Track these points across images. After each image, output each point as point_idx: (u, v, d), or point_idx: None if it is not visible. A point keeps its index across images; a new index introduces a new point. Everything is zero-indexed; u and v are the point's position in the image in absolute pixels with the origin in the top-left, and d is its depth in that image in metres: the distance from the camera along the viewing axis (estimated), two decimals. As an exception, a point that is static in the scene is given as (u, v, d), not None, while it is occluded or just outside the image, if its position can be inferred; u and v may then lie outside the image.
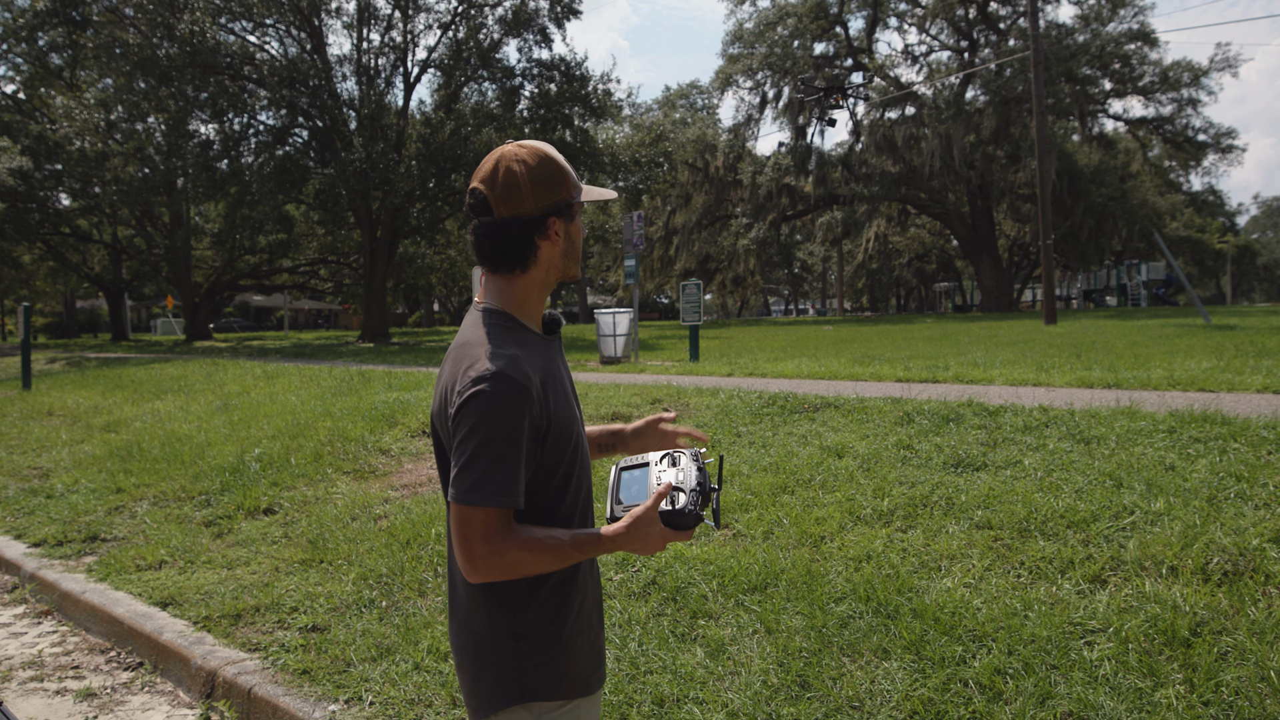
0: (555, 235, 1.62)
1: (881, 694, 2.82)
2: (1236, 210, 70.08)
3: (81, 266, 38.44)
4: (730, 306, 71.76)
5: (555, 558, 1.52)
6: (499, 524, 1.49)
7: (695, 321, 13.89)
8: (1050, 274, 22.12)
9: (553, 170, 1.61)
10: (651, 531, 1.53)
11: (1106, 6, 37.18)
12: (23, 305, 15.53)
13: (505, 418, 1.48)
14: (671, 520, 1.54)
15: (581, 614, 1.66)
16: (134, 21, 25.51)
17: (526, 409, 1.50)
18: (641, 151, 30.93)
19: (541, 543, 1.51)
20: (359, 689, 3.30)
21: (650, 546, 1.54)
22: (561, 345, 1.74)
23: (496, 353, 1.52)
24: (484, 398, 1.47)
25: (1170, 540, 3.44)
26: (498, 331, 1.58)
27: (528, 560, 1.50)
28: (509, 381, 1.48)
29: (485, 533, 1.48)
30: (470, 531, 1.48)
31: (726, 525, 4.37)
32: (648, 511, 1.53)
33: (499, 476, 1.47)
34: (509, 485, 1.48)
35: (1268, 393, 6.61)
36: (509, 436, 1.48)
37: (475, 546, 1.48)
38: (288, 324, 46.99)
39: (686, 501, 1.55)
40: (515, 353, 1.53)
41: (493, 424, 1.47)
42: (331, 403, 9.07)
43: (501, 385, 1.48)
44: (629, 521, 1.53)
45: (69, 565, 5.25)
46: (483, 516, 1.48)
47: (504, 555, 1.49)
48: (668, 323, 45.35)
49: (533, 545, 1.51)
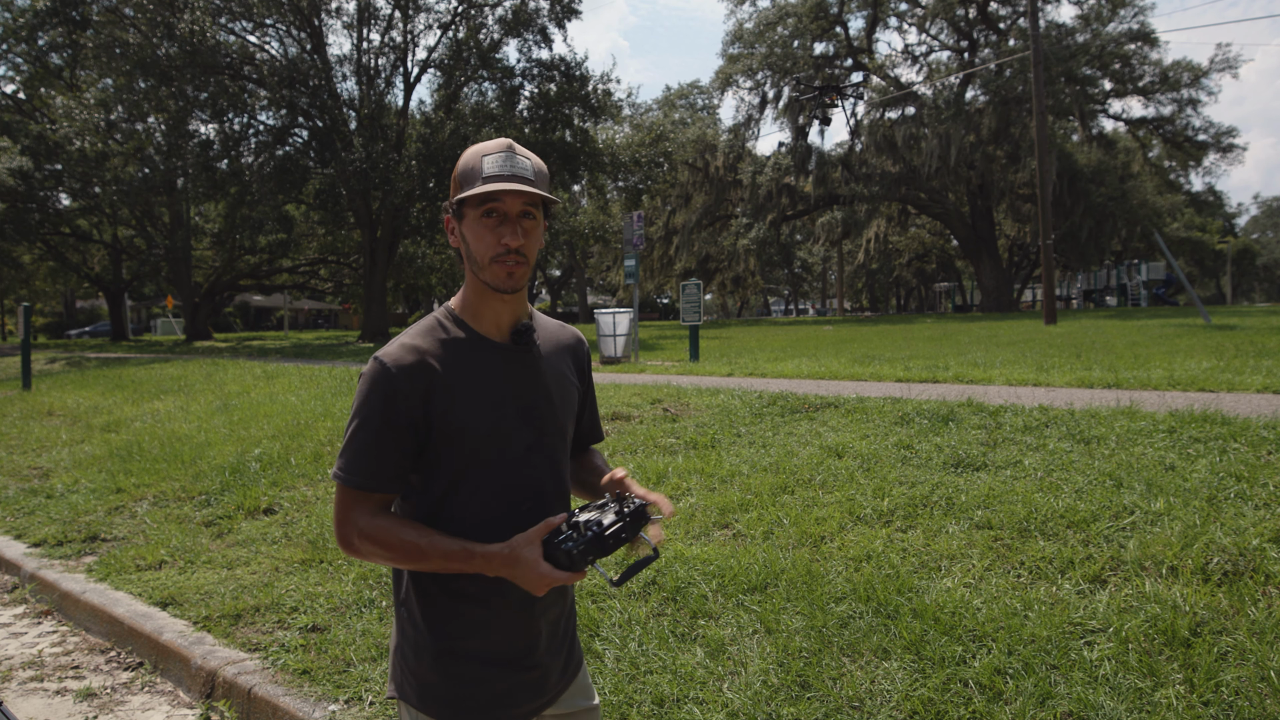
0: (452, 234, 1.60)
1: (881, 694, 2.82)
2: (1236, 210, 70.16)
3: (81, 266, 38.44)
4: (730, 306, 71.76)
5: (405, 556, 1.48)
6: (348, 502, 1.51)
7: (695, 321, 13.89)
8: (1050, 274, 22.12)
9: (458, 170, 1.58)
10: (527, 559, 1.44)
11: (1106, 6, 37.18)
12: (23, 305, 15.53)
13: (367, 400, 1.50)
14: (551, 553, 1.44)
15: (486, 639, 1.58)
16: (134, 21, 25.50)
17: (391, 397, 1.49)
18: (641, 151, 30.93)
19: (391, 538, 1.48)
20: (359, 689, 3.30)
21: (529, 578, 1.45)
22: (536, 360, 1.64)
23: (395, 341, 1.55)
24: (361, 379, 1.53)
25: (1170, 540, 3.44)
26: (422, 324, 1.60)
27: (372, 550, 1.49)
28: (378, 366, 1.50)
29: (340, 509, 1.51)
30: (338, 505, 1.52)
31: (726, 525, 4.36)
32: (527, 537, 1.46)
33: (348, 455, 1.51)
34: (356, 465, 1.50)
35: (1268, 393, 6.61)
36: (364, 418, 1.50)
37: (335, 520, 1.53)
38: (288, 324, 46.99)
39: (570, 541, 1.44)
40: (413, 343, 1.54)
41: (357, 404, 1.52)
42: (331, 403, 9.07)
43: (374, 369, 1.51)
44: (508, 543, 1.46)
45: (69, 565, 5.25)
46: (340, 493, 1.52)
47: (350, 536, 1.49)
48: (668, 323, 45.36)
49: (380, 537, 1.49)
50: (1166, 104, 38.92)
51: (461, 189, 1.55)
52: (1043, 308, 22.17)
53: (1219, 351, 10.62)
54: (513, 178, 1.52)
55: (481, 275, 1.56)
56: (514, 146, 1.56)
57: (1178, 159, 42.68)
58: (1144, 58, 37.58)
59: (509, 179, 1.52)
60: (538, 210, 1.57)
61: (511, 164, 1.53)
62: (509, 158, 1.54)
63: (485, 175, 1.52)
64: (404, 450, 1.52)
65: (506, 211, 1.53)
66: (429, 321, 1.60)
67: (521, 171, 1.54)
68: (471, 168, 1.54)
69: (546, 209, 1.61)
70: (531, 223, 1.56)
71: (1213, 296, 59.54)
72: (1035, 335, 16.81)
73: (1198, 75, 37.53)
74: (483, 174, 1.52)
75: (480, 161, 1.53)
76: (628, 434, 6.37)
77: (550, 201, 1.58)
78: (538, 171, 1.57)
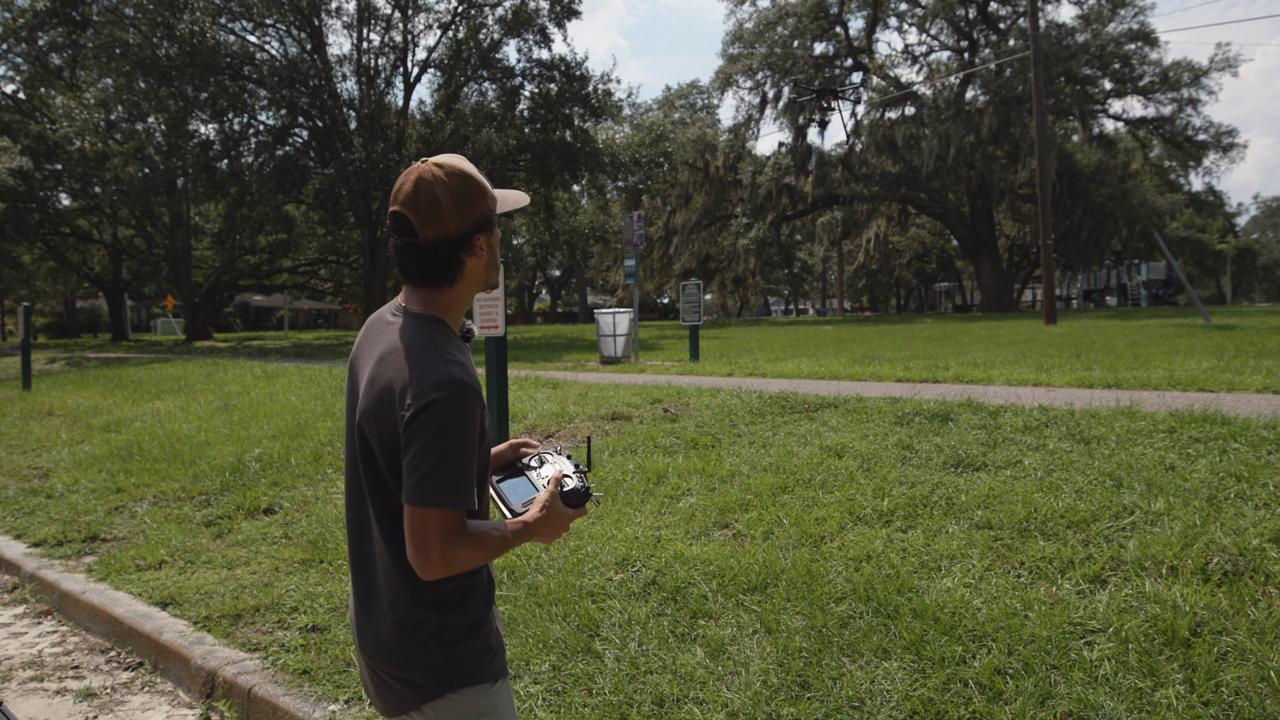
0: (480, 250, 1.67)
1: (881, 694, 2.82)
2: (1236, 210, 70.14)
3: (81, 266, 38.44)
4: (730, 306, 71.77)
5: (498, 549, 1.61)
6: (457, 524, 1.55)
7: (695, 321, 13.89)
8: (1050, 274, 22.12)
9: (471, 187, 1.64)
10: (558, 513, 1.66)
11: (1106, 6, 37.16)
12: (23, 305, 15.53)
13: (465, 423, 1.54)
14: (571, 500, 1.69)
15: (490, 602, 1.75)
16: (134, 21, 25.50)
17: (480, 414, 1.58)
18: (641, 151, 30.90)
19: (488, 536, 1.59)
20: (359, 689, 3.29)
21: (557, 528, 1.67)
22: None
23: (453, 359, 1.58)
24: (448, 405, 1.52)
25: (1170, 540, 3.44)
26: (444, 338, 1.63)
27: (477, 555, 1.58)
28: (468, 389, 1.55)
29: (444, 532, 1.54)
30: (429, 532, 1.53)
31: (726, 525, 4.37)
32: (551, 497, 1.66)
33: (461, 479, 1.54)
34: (468, 487, 1.56)
35: (1268, 393, 6.61)
36: (469, 440, 1.55)
37: (433, 546, 1.53)
38: (288, 324, 46.98)
39: (577, 483, 1.71)
40: (465, 360, 1.62)
41: (456, 429, 1.54)
42: (331, 403, 9.07)
43: (464, 392, 1.54)
44: (539, 508, 1.65)
45: (69, 565, 5.25)
46: (442, 517, 1.53)
47: (458, 552, 1.55)
48: (668, 323, 45.34)
49: (482, 540, 1.58)
50: (1166, 104, 38.93)
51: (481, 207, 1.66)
52: (1043, 308, 22.17)
53: (1219, 351, 10.62)
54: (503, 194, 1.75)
55: (489, 281, 1.72)
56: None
57: (1178, 159, 42.69)
58: (1144, 58, 37.57)
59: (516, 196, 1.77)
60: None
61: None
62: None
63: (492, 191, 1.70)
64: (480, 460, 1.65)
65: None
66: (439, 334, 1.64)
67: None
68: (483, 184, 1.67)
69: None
70: None
71: (1213, 296, 59.53)
72: (1035, 335, 16.81)
73: (1198, 75, 37.52)
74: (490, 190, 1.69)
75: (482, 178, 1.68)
76: (628, 434, 6.37)
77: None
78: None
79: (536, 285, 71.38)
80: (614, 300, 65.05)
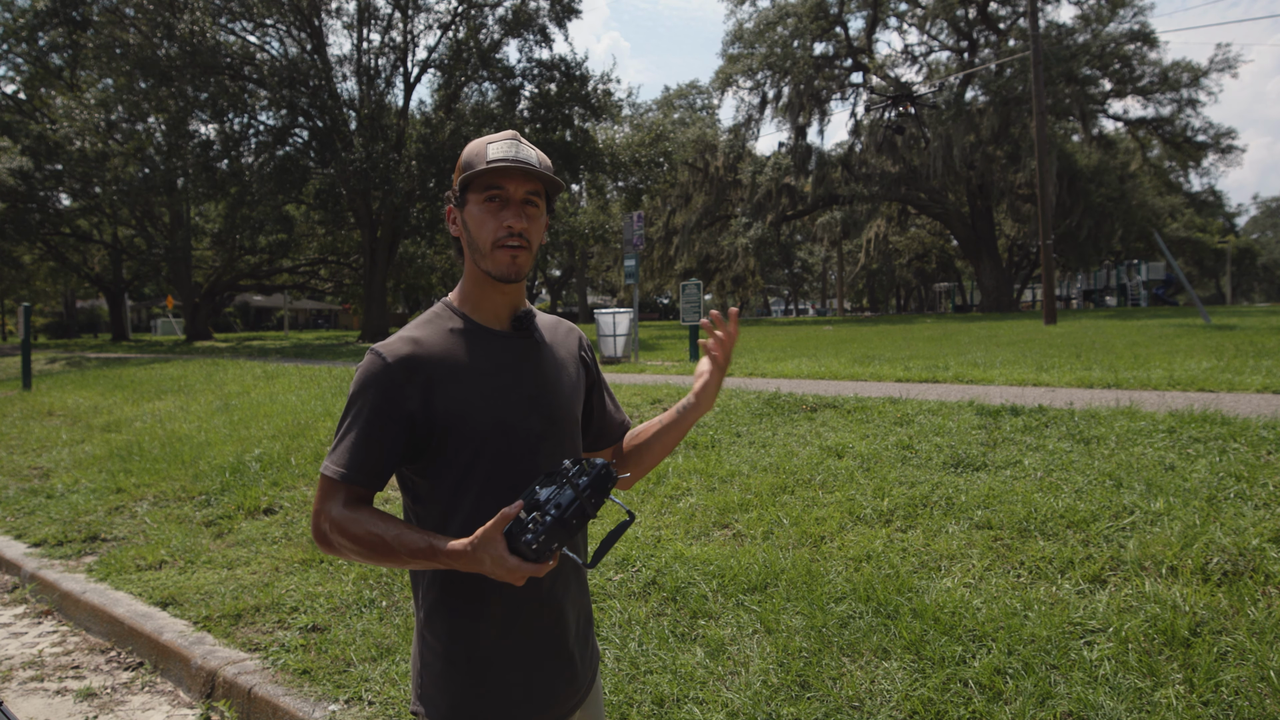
0: (454, 223, 1.59)
1: (881, 694, 2.82)
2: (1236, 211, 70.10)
3: (82, 266, 38.43)
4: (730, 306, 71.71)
5: (372, 550, 1.42)
6: (328, 495, 1.47)
7: (695, 321, 13.88)
8: (1050, 274, 22.11)
9: (462, 158, 1.55)
10: (495, 555, 1.33)
11: (1106, 7, 37.15)
12: (23, 305, 15.53)
13: (362, 392, 1.48)
14: (513, 547, 1.33)
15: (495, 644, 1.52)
16: (134, 21, 25.50)
17: (386, 390, 1.47)
18: (641, 151, 30.89)
19: (359, 529, 1.43)
20: (359, 689, 3.30)
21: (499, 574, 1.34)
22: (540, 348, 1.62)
23: (398, 334, 1.53)
24: (357, 374, 1.51)
25: (1170, 540, 3.44)
26: (425, 316, 1.58)
27: (342, 543, 1.44)
28: (375, 359, 1.49)
29: (318, 499, 1.48)
30: (316, 497, 1.50)
31: (726, 525, 4.36)
32: (487, 531, 1.34)
33: (338, 448, 1.48)
34: (343, 458, 1.47)
35: (1267, 393, 6.61)
36: (357, 410, 1.48)
37: (313, 513, 1.50)
38: (288, 324, 46.98)
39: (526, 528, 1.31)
40: (412, 335, 1.52)
41: (352, 396, 1.50)
42: (331, 403, 9.07)
43: (373, 362, 1.49)
44: (470, 539, 1.36)
45: (69, 565, 5.25)
46: (320, 484, 1.49)
47: (322, 526, 1.47)
48: (668, 323, 45.34)
49: (350, 531, 1.43)
50: (1166, 104, 38.92)
51: (460, 174, 1.55)
52: (1042, 308, 22.17)
53: (1219, 351, 10.62)
54: (517, 161, 1.50)
55: (483, 264, 1.53)
56: (519, 136, 1.55)
57: (1177, 159, 42.67)
58: (1144, 58, 37.55)
59: (514, 161, 1.50)
60: (541, 200, 1.56)
61: (517, 150, 1.52)
62: (514, 145, 1.53)
63: (490, 159, 1.50)
64: (394, 444, 1.48)
65: (510, 196, 1.51)
66: (427, 315, 1.58)
67: (526, 159, 1.51)
68: (476, 153, 1.53)
69: (550, 202, 1.59)
70: (535, 210, 1.54)
71: (1212, 296, 59.53)
72: (1035, 335, 16.81)
73: (1197, 75, 37.50)
74: (487, 159, 1.51)
75: (485, 149, 1.52)
76: (628, 434, 6.37)
77: (555, 191, 1.57)
78: (542, 163, 1.55)
79: (536, 285, 71.37)
80: (614, 300, 65.06)
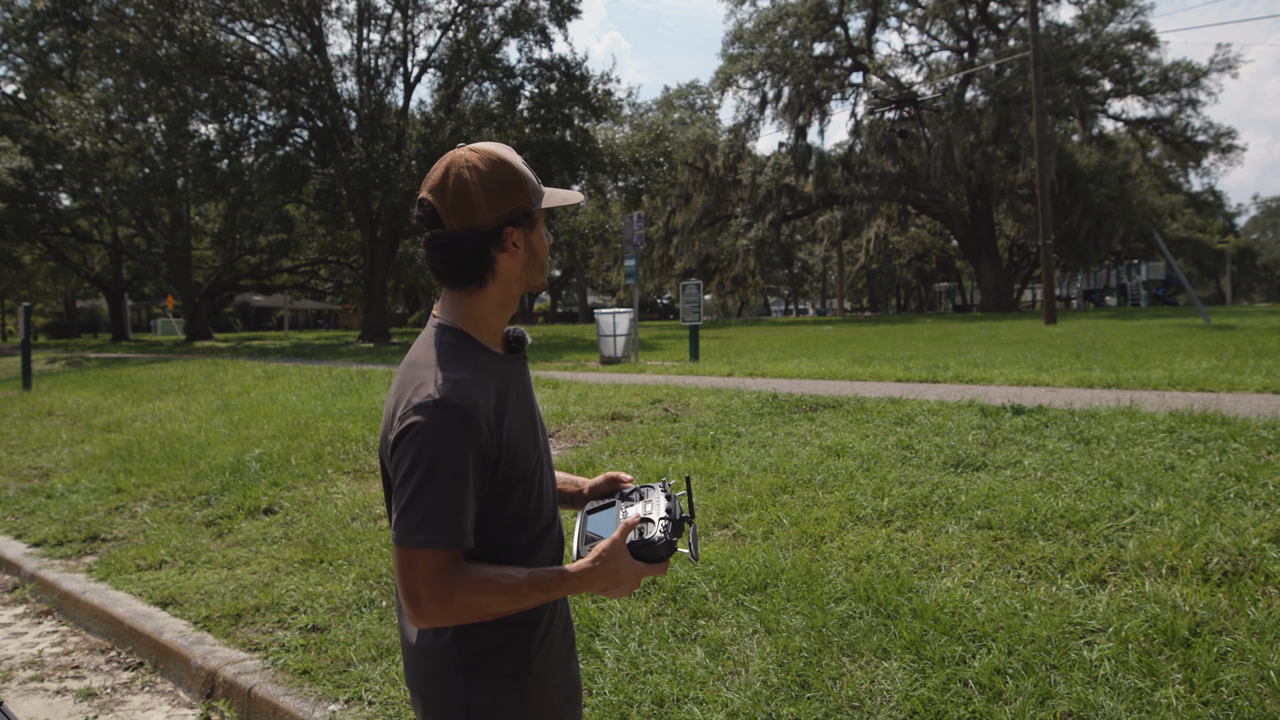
0: (513, 247, 1.49)
1: (881, 694, 2.82)
2: (1236, 211, 70.15)
3: (82, 266, 38.45)
4: (730, 306, 71.77)
5: (510, 598, 1.40)
6: (444, 565, 1.37)
7: (695, 321, 13.89)
8: (1050, 274, 22.12)
9: (508, 176, 1.46)
10: (620, 566, 1.40)
11: (1106, 7, 37.18)
12: (23, 305, 15.54)
13: (448, 450, 1.35)
14: (641, 552, 1.41)
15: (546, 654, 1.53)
16: (134, 21, 25.50)
17: (472, 440, 1.37)
18: (641, 151, 30.91)
19: (494, 582, 1.39)
20: (359, 689, 3.30)
21: (622, 584, 1.41)
22: (526, 365, 1.62)
23: (443, 376, 1.40)
24: (426, 428, 1.35)
25: (1170, 540, 3.44)
26: (448, 351, 1.46)
27: (479, 603, 1.38)
28: (452, 410, 1.36)
29: (430, 576, 1.36)
30: (414, 575, 1.36)
31: (726, 525, 4.36)
32: (614, 544, 1.40)
33: (442, 515, 1.35)
34: (454, 524, 1.36)
35: (1267, 393, 6.61)
36: (453, 470, 1.36)
37: (420, 590, 1.36)
38: (288, 324, 46.99)
39: (656, 530, 1.42)
40: (464, 376, 1.41)
41: (434, 457, 1.35)
42: (331, 403, 9.07)
43: (444, 414, 1.35)
44: (594, 556, 1.40)
45: (69, 565, 5.25)
46: (426, 559, 1.36)
47: (451, 599, 1.37)
48: (668, 323, 45.35)
49: (484, 586, 1.38)
50: (1166, 104, 38.95)
51: (517, 199, 1.48)
52: (1042, 308, 22.17)
53: (1219, 351, 10.62)
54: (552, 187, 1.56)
55: (531, 284, 1.55)
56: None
57: (1177, 159, 42.71)
58: (1144, 58, 37.59)
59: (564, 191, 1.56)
60: None
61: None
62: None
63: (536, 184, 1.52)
64: (481, 494, 1.42)
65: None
66: (450, 347, 1.47)
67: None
68: (523, 174, 1.49)
69: None
70: None
71: (1212, 296, 59.54)
72: (1035, 335, 16.81)
73: (1197, 75, 37.53)
74: (534, 183, 1.51)
75: (524, 169, 1.51)
76: (628, 434, 6.37)
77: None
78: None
79: (536, 285, 71.34)
80: (614, 300, 65.06)
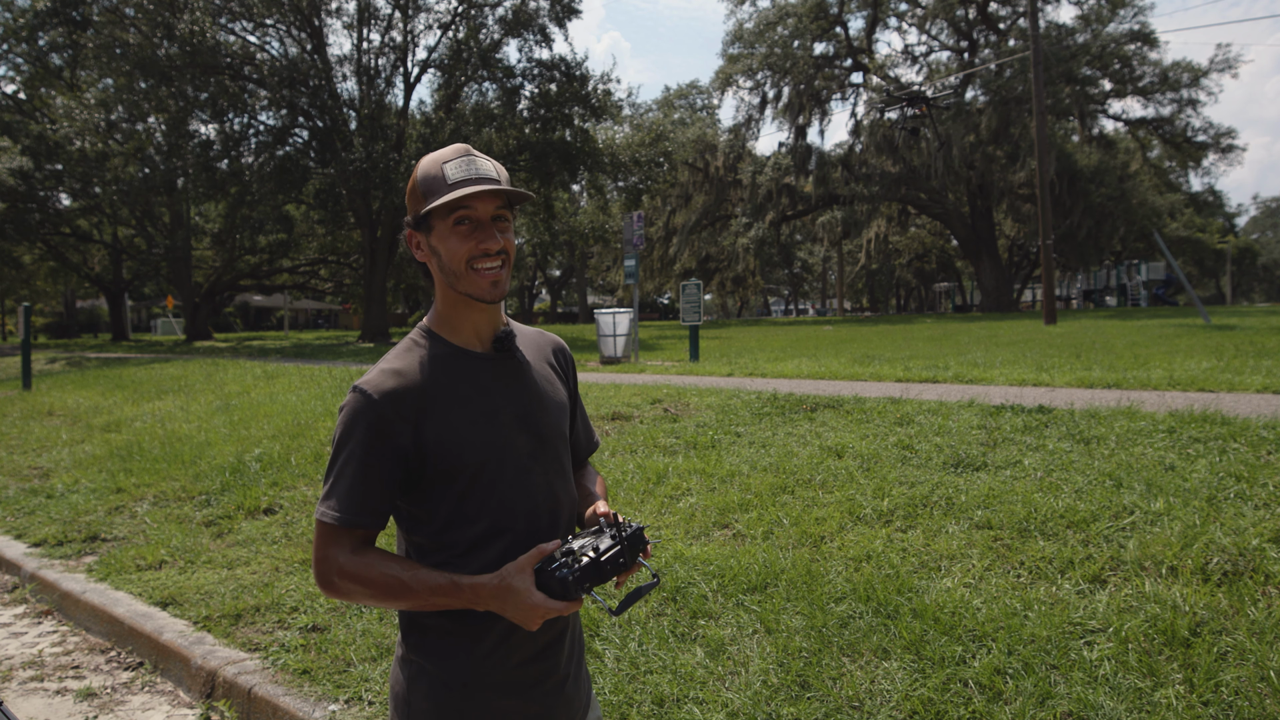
0: (418, 248, 1.52)
1: (881, 694, 2.82)
2: (1236, 211, 70.13)
3: (82, 266, 38.45)
4: (730, 306, 71.78)
5: (388, 592, 1.40)
6: (331, 541, 1.43)
7: (695, 321, 13.89)
8: (1050, 274, 22.12)
9: (418, 181, 1.49)
10: (520, 590, 1.35)
11: (1106, 7, 37.18)
12: (23, 305, 15.54)
13: (352, 432, 1.43)
14: (545, 582, 1.36)
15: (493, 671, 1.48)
16: (134, 21, 25.51)
17: (376, 426, 1.42)
18: (641, 151, 30.89)
19: (373, 573, 1.41)
20: (359, 689, 3.30)
21: (522, 609, 1.36)
22: (520, 366, 1.58)
23: (378, 367, 1.48)
24: (342, 410, 1.46)
25: (1170, 540, 3.44)
26: (402, 347, 1.53)
27: (354, 588, 1.41)
28: (363, 395, 1.43)
29: (319, 546, 1.44)
30: (316, 544, 1.45)
31: (726, 525, 4.36)
32: (518, 566, 1.37)
33: (339, 490, 1.43)
34: (345, 502, 1.42)
35: (1267, 393, 6.61)
36: (350, 451, 1.43)
37: (315, 559, 1.45)
38: (288, 324, 46.99)
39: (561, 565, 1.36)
40: (397, 368, 1.47)
41: (340, 438, 1.45)
42: (331, 403, 9.07)
43: (356, 399, 1.43)
44: (501, 571, 1.38)
45: (69, 565, 5.25)
46: (321, 531, 1.44)
47: (330, 575, 1.42)
48: (668, 323, 45.34)
49: (363, 575, 1.41)
50: (1166, 104, 38.95)
51: (426, 200, 1.47)
52: (1042, 308, 22.17)
53: (1219, 351, 10.62)
54: (480, 179, 1.46)
55: (459, 286, 1.49)
56: (471, 150, 1.50)
57: (1177, 159, 42.71)
58: (1144, 58, 37.58)
59: (477, 181, 1.46)
60: (508, 212, 1.51)
61: (475, 167, 1.47)
62: (470, 161, 1.48)
63: (451, 181, 1.46)
64: (391, 483, 1.44)
65: (479, 217, 1.47)
66: (404, 343, 1.54)
67: (485, 174, 1.48)
68: (434, 176, 1.47)
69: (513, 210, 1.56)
70: (505, 224, 1.51)
71: (1212, 296, 59.54)
72: (1035, 335, 16.81)
73: (1197, 76, 37.52)
74: (448, 181, 1.46)
75: (441, 169, 1.47)
76: (628, 434, 6.37)
77: (520, 200, 1.51)
78: (502, 175, 1.51)
79: (536, 285, 71.40)
80: (614, 300, 65.08)
